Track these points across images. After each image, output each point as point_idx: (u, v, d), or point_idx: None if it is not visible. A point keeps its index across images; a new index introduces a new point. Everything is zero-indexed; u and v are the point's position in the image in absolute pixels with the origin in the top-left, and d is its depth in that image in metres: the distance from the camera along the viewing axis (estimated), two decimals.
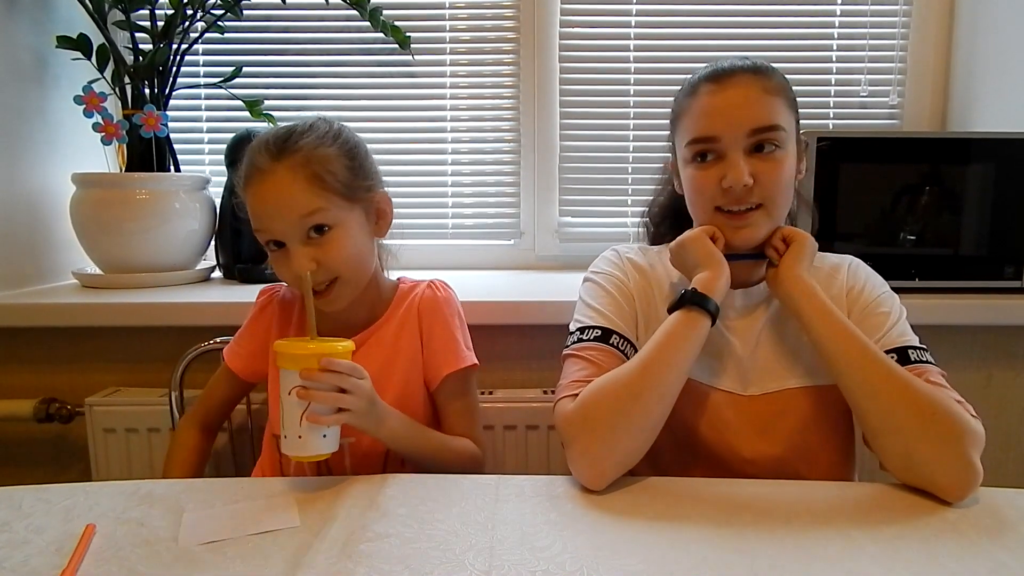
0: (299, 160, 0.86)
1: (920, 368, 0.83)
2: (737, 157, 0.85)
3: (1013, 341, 1.33)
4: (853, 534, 0.68)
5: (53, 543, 0.68)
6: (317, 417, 0.78)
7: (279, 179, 0.86)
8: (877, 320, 0.89)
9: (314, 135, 0.89)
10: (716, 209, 0.88)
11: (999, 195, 1.26)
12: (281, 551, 0.66)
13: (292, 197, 0.85)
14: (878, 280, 0.94)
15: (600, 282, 0.96)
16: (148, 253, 1.41)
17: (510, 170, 1.68)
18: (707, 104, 0.87)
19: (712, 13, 1.63)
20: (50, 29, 1.42)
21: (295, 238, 0.87)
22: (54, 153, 1.48)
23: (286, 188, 0.86)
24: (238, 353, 1.04)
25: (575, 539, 0.68)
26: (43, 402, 1.31)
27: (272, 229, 0.87)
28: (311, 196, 0.86)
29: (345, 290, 0.91)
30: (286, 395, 0.78)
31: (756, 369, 0.91)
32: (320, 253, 0.87)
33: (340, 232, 0.88)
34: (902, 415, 0.77)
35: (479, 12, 1.64)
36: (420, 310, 0.98)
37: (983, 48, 1.54)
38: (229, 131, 1.50)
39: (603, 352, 0.88)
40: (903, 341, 0.87)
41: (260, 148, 0.88)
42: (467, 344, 1.00)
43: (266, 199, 0.87)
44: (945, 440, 0.75)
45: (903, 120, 1.64)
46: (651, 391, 0.80)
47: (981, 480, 0.75)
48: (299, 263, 0.85)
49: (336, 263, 0.88)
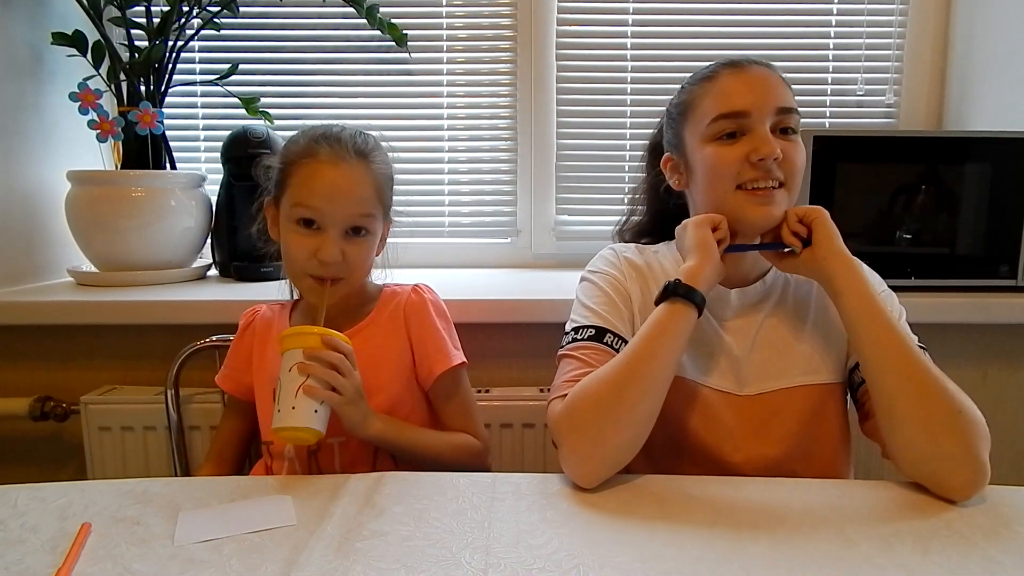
0: (373, 168, 0.94)
1: None
2: (766, 131, 0.86)
3: (1008, 339, 1.33)
4: (848, 532, 0.68)
5: (48, 542, 0.67)
6: (313, 388, 0.82)
7: (356, 171, 0.92)
8: None
9: (383, 148, 0.98)
10: (738, 188, 0.87)
11: (995, 194, 1.26)
12: (277, 549, 0.66)
13: (359, 195, 0.92)
14: (876, 279, 0.94)
15: (596, 281, 0.95)
16: (144, 251, 1.40)
17: (507, 168, 1.68)
18: (733, 82, 0.88)
19: (709, 12, 1.63)
20: (46, 25, 1.41)
21: (339, 227, 0.91)
22: (49, 150, 1.47)
23: (358, 182, 0.92)
24: (228, 375, 1.06)
25: (571, 537, 0.68)
26: (38, 400, 1.30)
27: (322, 209, 0.91)
28: (372, 201, 0.94)
29: (343, 289, 0.94)
30: (287, 372, 0.83)
31: (753, 369, 0.91)
32: (350, 250, 0.92)
33: (371, 240, 0.96)
34: (930, 408, 0.76)
35: (476, 10, 1.64)
36: (406, 314, 1.00)
37: (979, 48, 1.54)
38: (225, 128, 1.49)
39: (597, 351, 0.87)
40: None
41: (335, 138, 0.93)
42: (455, 344, 1.02)
43: (336, 182, 0.91)
44: (965, 440, 0.75)
45: (899, 119, 1.65)
46: (637, 384, 0.79)
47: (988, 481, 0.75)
48: (333, 249, 0.90)
49: (356, 264, 0.94)
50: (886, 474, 0.80)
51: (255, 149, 1.40)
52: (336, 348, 0.85)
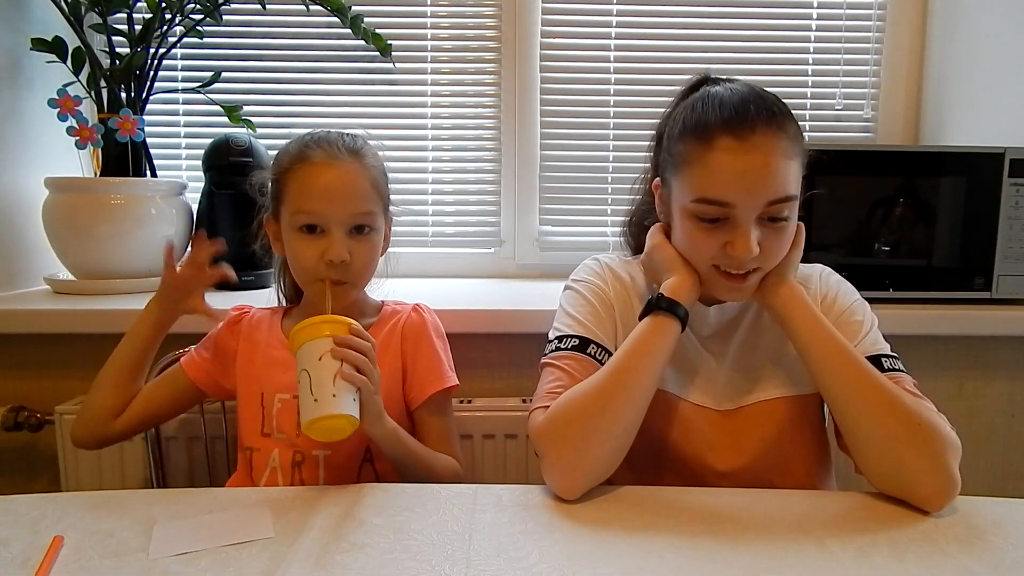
0: (367, 164, 0.95)
1: (893, 377, 0.84)
2: (748, 227, 0.80)
3: (983, 351, 1.35)
4: (827, 542, 0.69)
5: (19, 555, 0.66)
6: (351, 374, 0.79)
7: (351, 171, 0.93)
8: (851, 328, 0.89)
9: (374, 147, 0.98)
10: (713, 266, 0.85)
11: (969, 208, 1.29)
12: (254, 562, 0.65)
13: (357, 191, 0.93)
14: (849, 288, 0.96)
15: (580, 290, 0.95)
16: (122, 259, 1.39)
17: (491, 179, 1.68)
18: (725, 166, 0.79)
19: (691, 27, 1.65)
20: (25, 30, 1.40)
21: (343, 227, 0.92)
22: (27, 156, 1.45)
23: (355, 180, 0.93)
24: (199, 364, 1.03)
25: (552, 549, 0.68)
26: (11, 410, 1.28)
27: (323, 212, 0.91)
28: (371, 197, 0.94)
29: (352, 290, 0.96)
30: (315, 361, 0.80)
31: (731, 385, 0.92)
32: (356, 248, 0.93)
33: (375, 237, 0.96)
34: (889, 426, 0.77)
35: (461, 21, 1.64)
36: (404, 333, 1.00)
37: (954, 65, 1.57)
38: (207, 136, 1.48)
39: (579, 361, 0.87)
40: (876, 350, 0.88)
41: (328, 141, 0.94)
42: (450, 365, 1.03)
43: (332, 182, 0.91)
44: (929, 451, 0.76)
45: (877, 133, 1.68)
46: (620, 397, 0.80)
47: (959, 490, 0.76)
48: (340, 249, 0.90)
49: (362, 262, 0.94)
50: (867, 484, 0.81)
51: (237, 157, 1.40)
52: (362, 337, 0.84)
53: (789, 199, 0.81)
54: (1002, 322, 1.27)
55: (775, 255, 0.84)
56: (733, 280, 0.84)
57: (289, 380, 0.96)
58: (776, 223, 0.82)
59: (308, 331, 0.82)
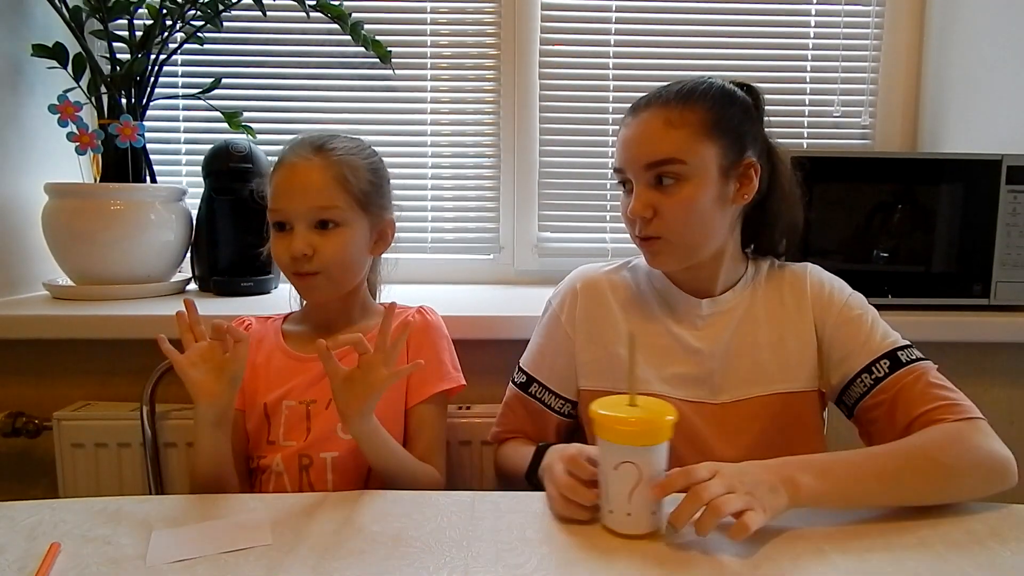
0: (332, 160, 0.95)
1: (915, 369, 0.86)
2: (641, 189, 0.89)
3: (982, 358, 1.35)
4: (824, 547, 0.69)
5: (16, 562, 0.66)
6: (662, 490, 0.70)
7: (310, 168, 0.94)
8: (856, 324, 0.91)
9: (351, 144, 0.99)
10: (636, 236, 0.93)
11: (967, 215, 1.29)
12: (252, 569, 0.65)
13: (314, 187, 0.93)
14: (839, 283, 0.97)
15: (545, 321, 1.04)
16: (121, 264, 1.39)
17: (490, 185, 1.68)
18: (621, 136, 0.92)
19: (689, 34, 1.65)
20: (26, 36, 1.40)
21: (303, 222, 0.93)
22: (27, 162, 1.45)
23: (313, 178, 0.94)
24: None
25: (551, 556, 0.68)
26: (9, 416, 1.28)
27: (286, 210, 0.94)
28: (331, 192, 0.94)
29: (324, 284, 0.96)
30: (613, 471, 0.71)
31: (726, 376, 0.92)
32: (320, 243, 0.93)
33: (343, 232, 0.95)
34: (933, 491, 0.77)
35: (461, 28, 1.65)
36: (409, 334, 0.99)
37: (951, 72, 1.58)
38: (207, 143, 1.48)
39: (521, 401, 1.02)
40: (889, 344, 0.89)
41: (300, 142, 0.97)
42: (455, 366, 1.03)
43: (291, 182, 0.94)
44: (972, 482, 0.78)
45: (875, 140, 1.68)
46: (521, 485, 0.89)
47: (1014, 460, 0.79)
48: (299, 243, 0.92)
49: (327, 257, 0.94)
50: None
51: (237, 163, 1.40)
52: None
53: (668, 161, 0.86)
54: (1000, 328, 1.27)
55: (669, 219, 0.88)
56: (647, 246, 0.91)
57: (295, 386, 0.96)
58: (664, 186, 0.87)
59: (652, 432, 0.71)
